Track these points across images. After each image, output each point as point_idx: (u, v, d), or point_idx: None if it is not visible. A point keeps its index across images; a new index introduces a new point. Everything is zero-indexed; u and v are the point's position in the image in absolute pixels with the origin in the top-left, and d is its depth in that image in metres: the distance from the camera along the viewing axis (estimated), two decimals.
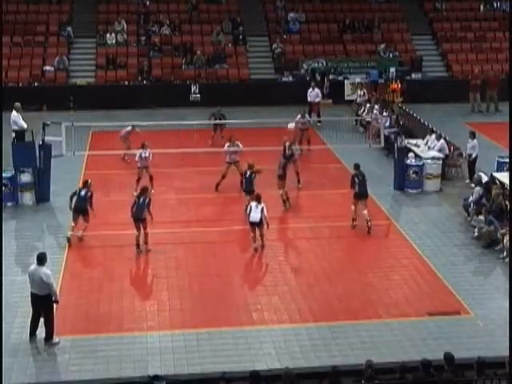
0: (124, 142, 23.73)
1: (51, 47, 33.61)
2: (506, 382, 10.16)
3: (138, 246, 17.01)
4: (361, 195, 18.52)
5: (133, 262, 16.65)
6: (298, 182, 21.26)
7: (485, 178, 19.41)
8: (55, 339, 13.13)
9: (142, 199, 16.93)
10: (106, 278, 15.88)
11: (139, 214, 16.88)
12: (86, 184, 17.84)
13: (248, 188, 18.92)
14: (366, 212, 18.43)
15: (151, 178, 20.79)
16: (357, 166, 18.92)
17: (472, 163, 21.95)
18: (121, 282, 15.66)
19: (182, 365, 12.52)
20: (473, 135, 22.17)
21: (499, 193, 17.94)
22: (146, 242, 17.04)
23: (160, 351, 12.98)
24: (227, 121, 25.09)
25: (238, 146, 21.01)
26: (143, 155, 20.89)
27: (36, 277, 12.96)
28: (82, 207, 17.51)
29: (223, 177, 20.87)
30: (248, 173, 19.06)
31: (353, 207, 18.55)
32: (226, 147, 21.04)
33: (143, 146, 21.04)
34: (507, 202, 17.53)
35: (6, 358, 12.19)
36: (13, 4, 34.87)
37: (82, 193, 17.57)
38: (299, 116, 24.55)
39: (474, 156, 21.87)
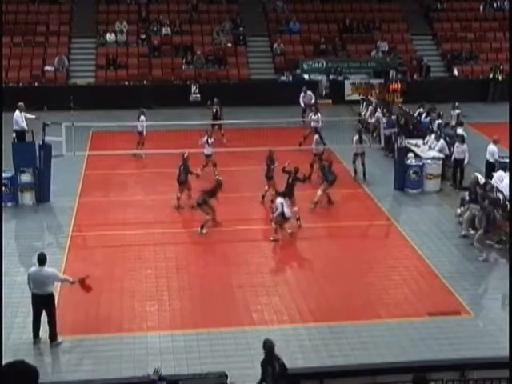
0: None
1: (51, 47, 33.64)
2: (505, 382, 10.14)
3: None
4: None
5: (133, 262, 16.66)
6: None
7: (482, 180, 19.27)
8: (59, 339, 13.15)
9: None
10: (106, 278, 15.87)
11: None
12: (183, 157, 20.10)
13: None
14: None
15: None
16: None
17: (460, 168, 21.65)
18: (121, 282, 15.67)
19: (181, 365, 12.52)
20: (462, 139, 21.96)
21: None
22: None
23: (160, 351, 12.99)
24: (227, 121, 25.13)
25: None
26: None
27: (39, 277, 12.90)
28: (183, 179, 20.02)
29: None
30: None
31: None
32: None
33: None
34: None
35: (6, 358, 12.05)
36: (13, 4, 34.92)
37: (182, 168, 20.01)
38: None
39: (466, 161, 21.70)
